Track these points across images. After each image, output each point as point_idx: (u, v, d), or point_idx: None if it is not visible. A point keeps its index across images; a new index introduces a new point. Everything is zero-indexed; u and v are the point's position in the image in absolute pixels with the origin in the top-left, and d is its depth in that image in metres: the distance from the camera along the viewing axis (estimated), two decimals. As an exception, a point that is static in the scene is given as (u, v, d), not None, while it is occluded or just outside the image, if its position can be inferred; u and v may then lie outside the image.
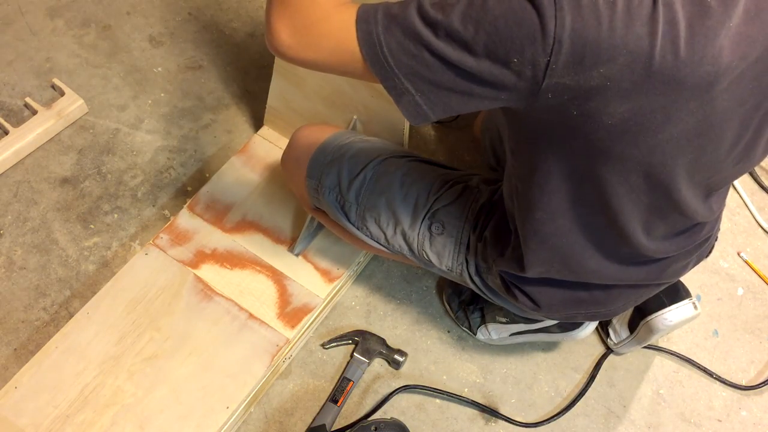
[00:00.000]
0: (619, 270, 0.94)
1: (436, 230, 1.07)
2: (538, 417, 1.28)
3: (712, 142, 0.76)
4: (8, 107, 1.55)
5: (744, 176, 1.61)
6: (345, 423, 1.24)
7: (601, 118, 0.70)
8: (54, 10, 1.70)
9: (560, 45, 0.65)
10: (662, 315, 1.20)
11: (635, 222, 0.85)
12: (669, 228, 0.89)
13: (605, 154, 0.75)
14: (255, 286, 1.29)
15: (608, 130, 0.71)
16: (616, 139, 0.73)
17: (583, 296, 0.99)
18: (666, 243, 0.92)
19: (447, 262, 1.09)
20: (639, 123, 0.70)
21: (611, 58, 0.65)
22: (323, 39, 0.73)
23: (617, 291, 0.99)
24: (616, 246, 0.90)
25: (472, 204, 1.06)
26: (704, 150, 0.77)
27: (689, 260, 1.02)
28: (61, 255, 1.38)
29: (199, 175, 1.50)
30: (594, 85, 0.67)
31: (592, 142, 0.74)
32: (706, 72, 0.67)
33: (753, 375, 1.36)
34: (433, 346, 1.34)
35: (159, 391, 1.18)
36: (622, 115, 0.69)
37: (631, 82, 0.66)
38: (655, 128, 0.71)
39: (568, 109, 0.70)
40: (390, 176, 1.08)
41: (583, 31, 0.64)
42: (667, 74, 0.66)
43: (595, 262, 0.92)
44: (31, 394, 1.16)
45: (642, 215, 0.85)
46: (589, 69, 0.66)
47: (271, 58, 1.37)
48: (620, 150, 0.74)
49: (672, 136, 0.72)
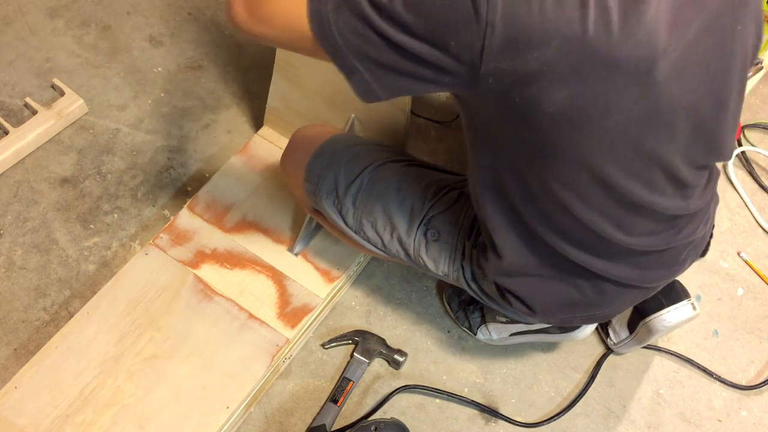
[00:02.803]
0: (607, 265, 0.94)
1: (431, 237, 1.07)
2: (538, 417, 1.28)
3: (664, 130, 0.76)
4: (8, 107, 1.55)
5: (744, 176, 1.61)
6: (345, 423, 1.24)
7: (542, 105, 0.71)
8: (54, 10, 1.70)
9: (493, 29, 0.66)
10: (661, 316, 1.21)
11: (605, 221, 0.85)
12: (648, 224, 0.89)
13: (554, 143, 0.76)
14: (255, 286, 1.29)
15: (551, 118, 0.72)
16: (561, 128, 0.73)
17: (576, 298, 0.99)
18: (651, 238, 0.91)
19: (443, 268, 1.09)
20: (580, 110, 0.71)
21: (544, 42, 0.66)
22: (275, 16, 0.75)
23: (610, 291, 0.99)
24: (596, 242, 0.89)
25: (467, 211, 1.06)
26: (657, 139, 0.77)
27: (682, 258, 1.01)
28: (61, 255, 1.38)
29: (199, 175, 1.50)
30: (531, 70, 0.68)
31: (538, 132, 0.75)
32: (642, 55, 0.68)
33: (753, 375, 1.36)
34: (433, 346, 1.34)
35: (159, 391, 1.18)
36: (563, 102, 0.70)
37: (567, 66, 0.67)
38: (598, 115, 0.72)
39: (510, 95, 0.72)
40: (386, 182, 1.09)
41: (514, 15, 0.66)
42: (601, 58, 0.67)
43: (580, 257, 0.92)
44: (31, 394, 1.16)
45: (610, 213, 0.84)
46: (523, 53, 0.67)
47: (271, 59, 1.37)
48: (567, 141, 0.75)
49: (618, 124, 0.73)
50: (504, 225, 0.93)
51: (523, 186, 0.85)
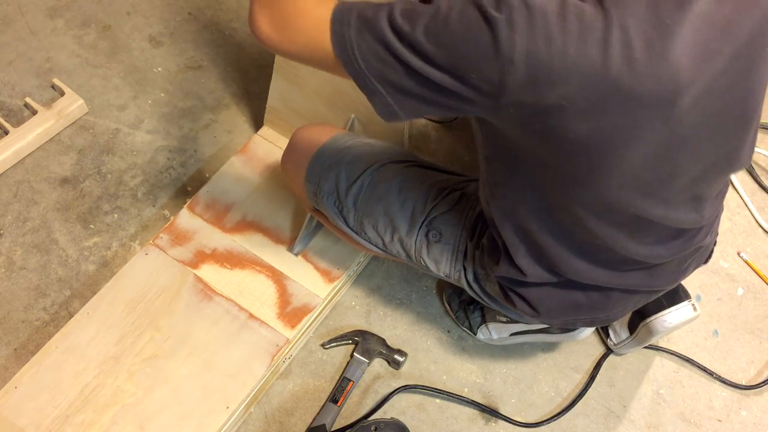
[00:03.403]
0: (612, 275, 0.94)
1: (433, 238, 1.07)
2: (538, 417, 1.28)
3: (686, 155, 0.76)
4: (8, 107, 1.55)
5: (744, 176, 1.61)
6: (345, 423, 1.24)
7: (564, 135, 0.71)
8: (54, 10, 1.70)
9: (513, 65, 0.66)
10: (662, 317, 1.20)
11: (618, 234, 0.85)
12: (658, 236, 0.89)
13: (572, 168, 0.76)
14: (255, 286, 1.29)
15: (572, 145, 0.72)
16: (581, 156, 0.73)
17: (581, 301, 0.99)
18: (659, 248, 0.91)
19: (444, 269, 1.09)
20: (602, 141, 0.71)
21: (565, 80, 0.66)
22: (299, 34, 0.76)
23: (616, 296, 0.99)
24: (605, 254, 0.90)
25: (469, 212, 1.06)
26: (679, 164, 0.76)
27: (686, 265, 1.01)
28: (61, 255, 1.38)
29: (199, 175, 1.50)
30: (552, 104, 0.68)
31: (558, 157, 0.75)
32: (665, 90, 0.67)
33: (753, 375, 1.36)
34: (433, 346, 1.34)
35: (159, 391, 1.18)
36: (584, 133, 0.70)
37: (588, 102, 0.67)
38: (620, 146, 0.71)
39: (532, 123, 0.72)
40: (387, 183, 1.08)
41: (536, 53, 0.65)
42: (622, 95, 0.67)
43: (585, 267, 0.92)
44: (31, 394, 1.16)
45: (623, 226, 0.84)
46: (544, 89, 0.67)
47: (271, 58, 1.37)
48: (587, 167, 0.75)
49: (639, 153, 0.73)
50: (515, 237, 0.92)
51: (537, 201, 0.85)
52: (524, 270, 0.94)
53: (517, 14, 0.65)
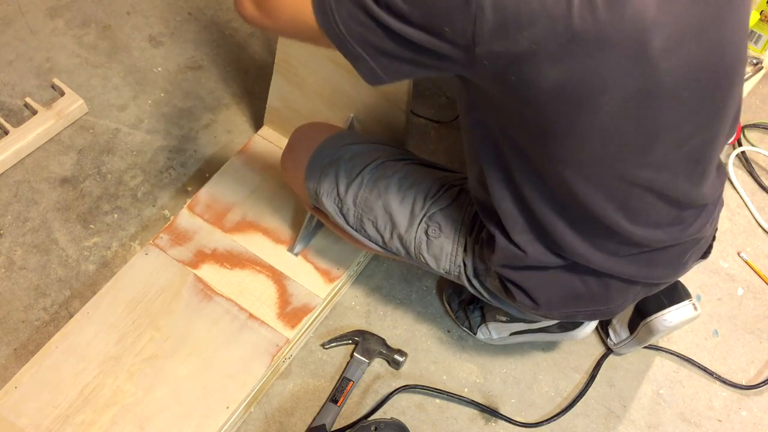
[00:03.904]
0: (610, 260, 0.93)
1: (432, 234, 1.07)
2: (538, 417, 1.28)
3: (669, 108, 0.76)
4: (8, 107, 1.55)
5: (744, 176, 1.61)
6: (345, 423, 1.24)
7: (538, 83, 0.72)
8: (54, 10, 1.70)
9: (482, 12, 0.68)
10: (662, 316, 1.20)
11: (611, 207, 0.85)
12: (656, 212, 0.89)
13: (553, 121, 0.76)
14: (255, 286, 1.29)
15: (548, 95, 0.73)
16: (559, 105, 0.74)
17: (580, 291, 0.99)
18: (658, 231, 0.91)
19: (444, 265, 1.09)
20: (576, 86, 0.72)
21: (532, 22, 0.68)
22: (281, 9, 0.78)
23: (615, 287, 0.99)
24: (603, 233, 0.89)
25: (468, 207, 1.06)
26: (662, 116, 0.77)
27: (686, 258, 1.01)
28: (61, 255, 1.38)
29: (199, 175, 1.50)
30: (523, 50, 0.69)
31: (538, 110, 0.76)
32: (631, 29, 0.68)
33: (753, 375, 1.36)
34: (433, 346, 1.34)
35: (159, 391, 1.18)
36: (557, 79, 0.71)
37: (557, 44, 0.69)
38: (594, 91, 0.72)
39: (507, 76, 0.73)
40: (387, 180, 1.09)
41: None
42: (589, 35, 0.68)
43: (583, 247, 0.91)
44: (31, 394, 1.16)
45: (613, 194, 0.84)
46: (513, 34, 0.69)
47: (271, 58, 1.37)
48: (567, 118, 0.75)
49: (616, 98, 0.73)
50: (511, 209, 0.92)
51: (527, 165, 0.85)
52: (523, 247, 0.94)
53: None
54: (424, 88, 1.67)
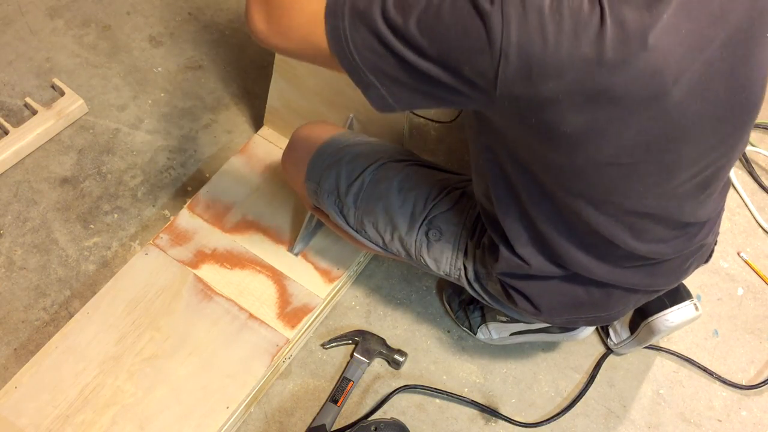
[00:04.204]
0: (614, 271, 0.94)
1: (433, 237, 1.07)
2: (538, 417, 1.28)
3: (690, 146, 0.76)
4: (8, 107, 1.55)
5: (744, 176, 1.61)
6: (345, 423, 1.24)
7: (558, 128, 0.71)
8: (54, 10, 1.70)
9: (506, 58, 0.66)
10: (663, 316, 1.20)
11: (619, 229, 0.85)
12: (660, 234, 0.89)
13: (570, 158, 0.76)
14: (255, 286, 1.29)
15: (568, 137, 0.72)
16: (578, 146, 0.73)
17: (583, 299, 0.99)
18: (661, 245, 0.91)
19: (444, 268, 1.09)
20: (597, 132, 0.71)
21: (558, 75, 0.66)
22: (293, 29, 0.76)
23: (617, 295, 0.99)
24: (606, 248, 0.89)
25: (469, 210, 1.06)
26: (682, 155, 0.76)
27: (688, 265, 1.01)
28: (61, 255, 1.38)
29: (199, 175, 1.50)
30: (546, 98, 0.68)
31: (554, 147, 0.75)
32: (657, 83, 0.67)
33: (753, 375, 1.36)
34: (433, 346, 1.34)
35: (159, 391, 1.18)
36: (579, 125, 0.70)
37: (582, 96, 0.67)
38: (616, 134, 0.71)
39: (527, 117, 0.71)
40: (388, 181, 1.08)
41: (529, 47, 0.65)
42: (617, 91, 0.67)
43: (587, 260, 0.92)
44: (31, 394, 1.16)
45: (621, 220, 0.84)
46: (537, 83, 0.67)
47: (271, 58, 1.37)
48: (584, 156, 0.75)
49: (636, 141, 0.72)
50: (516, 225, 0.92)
51: (536, 190, 0.85)
52: (527, 259, 0.94)
53: (509, 7, 0.65)
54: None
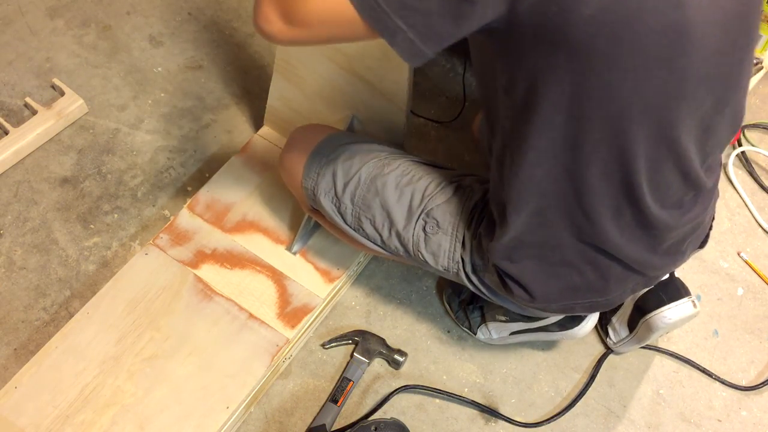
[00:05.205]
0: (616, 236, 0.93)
1: (430, 230, 1.07)
2: (538, 417, 1.28)
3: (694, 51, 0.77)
4: (8, 107, 1.55)
5: (744, 176, 1.61)
6: (345, 423, 1.24)
7: (579, 10, 0.72)
8: (54, 10, 1.70)
9: None
10: (661, 313, 1.21)
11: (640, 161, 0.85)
12: (670, 189, 0.91)
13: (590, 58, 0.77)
14: (255, 286, 1.29)
15: (587, 23, 0.73)
16: (596, 35, 0.74)
17: (577, 282, 0.99)
18: (663, 212, 0.92)
19: (443, 262, 1.09)
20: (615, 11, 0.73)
21: None
22: (312, 13, 0.76)
23: (613, 275, 0.99)
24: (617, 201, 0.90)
25: (465, 202, 1.07)
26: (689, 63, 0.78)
27: (684, 246, 1.02)
28: (61, 255, 1.38)
29: (199, 175, 1.50)
30: None
31: (576, 43, 0.76)
32: None
33: (753, 375, 1.36)
34: (433, 346, 1.34)
35: (159, 391, 1.18)
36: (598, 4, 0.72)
37: None
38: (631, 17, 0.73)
39: (548, 5, 0.73)
40: (384, 178, 1.09)
41: None
42: None
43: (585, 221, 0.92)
44: (31, 394, 1.16)
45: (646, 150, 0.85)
46: None
47: (271, 58, 1.37)
48: (603, 49, 0.76)
49: (651, 30, 0.74)
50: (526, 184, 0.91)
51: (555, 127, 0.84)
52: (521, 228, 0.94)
53: None
54: (425, 89, 1.67)
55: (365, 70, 1.23)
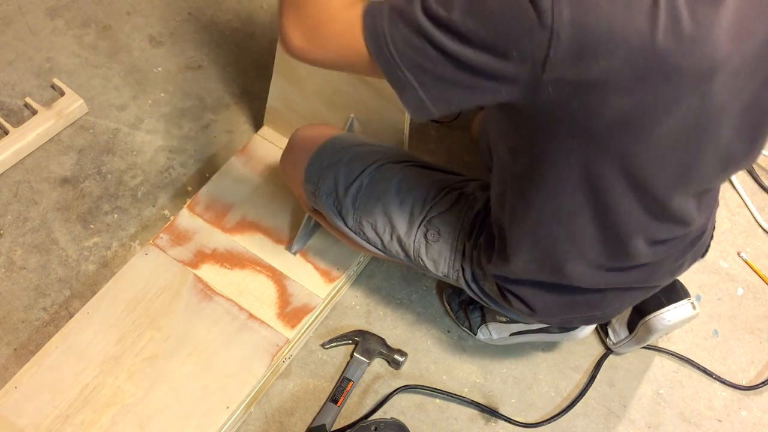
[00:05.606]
0: (613, 277, 0.94)
1: (431, 238, 1.07)
2: (538, 417, 1.28)
3: (710, 138, 0.76)
4: (8, 107, 1.55)
5: (744, 176, 1.61)
6: (345, 423, 1.24)
7: (602, 112, 0.70)
8: (54, 10, 1.70)
9: (558, 39, 0.65)
10: (661, 315, 1.21)
11: (636, 229, 0.85)
12: (665, 234, 0.90)
13: (604, 149, 0.75)
14: (255, 286, 1.29)
15: (609, 123, 0.71)
16: (616, 133, 0.73)
17: (578, 299, 0.99)
18: (660, 248, 0.92)
19: (443, 269, 1.09)
20: (639, 116, 0.70)
21: (610, 52, 0.65)
22: (332, 39, 0.76)
23: (612, 294, 0.99)
24: (612, 254, 0.90)
25: (467, 211, 1.06)
26: (703, 148, 0.77)
27: (683, 260, 1.02)
28: (61, 255, 1.38)
29: (199, 175, 1.50)
30: (594, 79, 0.67)
31: (592, 137, 0.74)
32: (705, 66, 0.67)
33: (753, 375, 1.36)
34: (433, 346, 1.34)
35: (159, 391, 1.18)
36: (622, 109, 0.69)
37: (632, 75, 0.66)
38: (655, 122, 0.71)
39: (570, 103, 0.70)
40: (386, 182, 1.08)
41: (582, 24, 0.64)
42: (666, 68, 0.66)
43: (589, 272, 0.92)
44: (31, 394, 1.16)
45: (642, 221, 0.85)
46: (588, 63, 0.66)
47: (271, 58, 1.37)
48: (619, 145, 0.74)
49: (671, 132, 0.73)
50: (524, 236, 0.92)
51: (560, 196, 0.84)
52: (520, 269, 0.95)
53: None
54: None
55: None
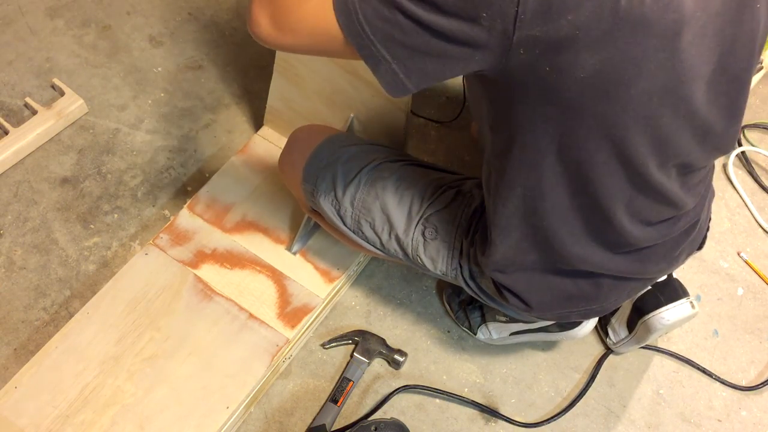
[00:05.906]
0: (604, 257, 0.94)
1: (429, 235, 1.07)
2: (538, 417, 1.28)
3: (681, 102, 0.77)
4: (8, 107, 1.55)
5: (744, 176, 1.61)
6: (345, 423, 1.24)
7: (572, 72, 0.71)
8: (54, 10, 1.70)
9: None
10: (660, 314, 1.21)
11: (618, 201, 0.85)
12: (652, 213, 0.90)
13: (580, 114, 0.76)
14: (255, 286, 1.29)
15: (581, 84, 0.72)
16: (589, 95, 0.73)
17: (572, 291, 0.99)
18: (649, 229, 0.92)
19: (441, 267, 1.09)
20: (610, 75, 0.71)
21: (578, 5, 0.66)
22: (301, 22, 0.75)
23: (607, 285, 0.99)
24: (599, 229, 0.90)
25: (464, 209, 1.06)
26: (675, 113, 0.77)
27: (679, 251, 1.02)
28: (61, 255, 1.38)
29: (199, 175, 1.50)
30: (563, 36, 0.68)
31: (566, 101, 0.75)
32: (672, 19, 0.68)
33: (753, 375, 1.36)
34: (433, 346, 1.34)
35: (159, 391, 1.18)
36: (593, 67, 0.70)
37: (600, 30, 0.67)
38: (627, 81, 0.72)
39: (541, 65, 0.71)
40: (384, 181, 1.09)
41: None
42: (634, 20, 0.67)
43: (579, 246, 0.92)
44: (31, 394, 1.16)
45: (624, 193, 0.85)
46: (557, 17, 0.67)
47: (271, 58, 1.37)
48: (594, 108, 0.75)
49: (643, 93, 0.73)
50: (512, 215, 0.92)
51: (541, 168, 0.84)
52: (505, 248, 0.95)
53: None
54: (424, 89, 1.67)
55: (365, 70, 1.22)
